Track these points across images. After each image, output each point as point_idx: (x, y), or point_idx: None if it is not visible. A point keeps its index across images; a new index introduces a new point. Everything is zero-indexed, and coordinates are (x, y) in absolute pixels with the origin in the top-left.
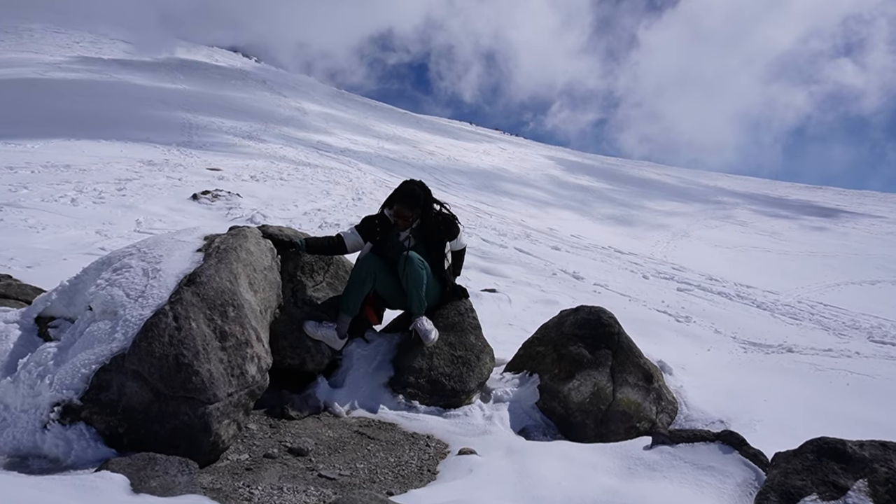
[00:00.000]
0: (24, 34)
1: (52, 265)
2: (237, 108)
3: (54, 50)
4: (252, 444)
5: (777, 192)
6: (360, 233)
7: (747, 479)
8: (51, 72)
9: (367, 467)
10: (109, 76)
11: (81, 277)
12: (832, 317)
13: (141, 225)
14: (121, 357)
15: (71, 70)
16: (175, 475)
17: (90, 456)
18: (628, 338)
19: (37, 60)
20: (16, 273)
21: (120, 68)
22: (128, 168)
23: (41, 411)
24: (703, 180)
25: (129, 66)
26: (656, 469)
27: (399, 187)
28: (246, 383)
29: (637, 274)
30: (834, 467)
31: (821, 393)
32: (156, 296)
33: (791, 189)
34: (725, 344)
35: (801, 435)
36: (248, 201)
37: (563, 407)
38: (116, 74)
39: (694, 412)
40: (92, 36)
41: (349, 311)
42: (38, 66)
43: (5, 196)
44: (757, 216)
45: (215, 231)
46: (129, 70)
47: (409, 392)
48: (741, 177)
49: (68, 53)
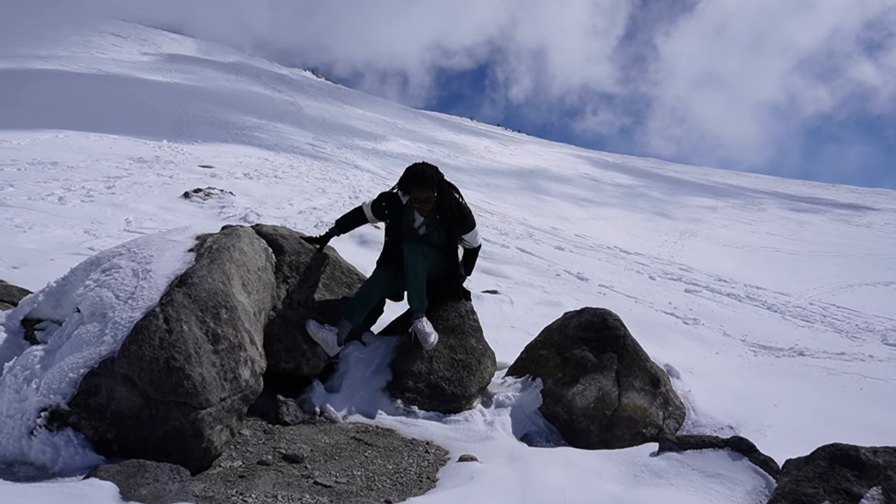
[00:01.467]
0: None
1: (39, 266)
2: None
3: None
4: (245, 450)
5: (790, 190)
6: (373, 210)
7: (757, 486)
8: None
9: (365, 474)
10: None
11: (69, 278)
12: (845, 319)
13: (131, 224)
14: (110, 361)
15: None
16: (166, 483)
17: (78, 463)
18: (634, 341)
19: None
20: (1, 274)
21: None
22: (117, 165)
23: (28, 417)
24: (728, 180)
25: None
26: (663, 476)
27: (407, 170)
28: (239, 388)
29: (643, 275)
30: (847, 474)
31: (833, 398)
32: (146, 297)
33: (804, 187)
34: (735, 347)
35: (812, 441)
36: (241, 200)
37: (566, 412)
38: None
39: (702, 417)
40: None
41: (353, 320)
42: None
43: None
44: (780, 212)
45: (208, 230)
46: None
47: (407, 397)
48: (754, 174)
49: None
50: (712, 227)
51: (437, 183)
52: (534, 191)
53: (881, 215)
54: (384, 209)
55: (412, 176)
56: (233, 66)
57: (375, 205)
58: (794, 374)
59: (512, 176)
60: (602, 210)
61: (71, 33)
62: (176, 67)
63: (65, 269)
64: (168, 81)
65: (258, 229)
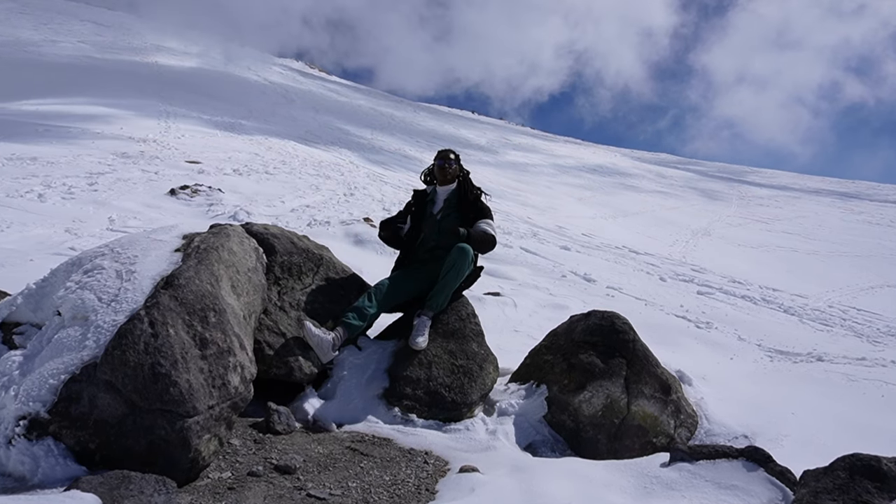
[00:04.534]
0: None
1: (18, 266)
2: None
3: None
4: (235, 460)
5: (808, 185)
6: (402, 218)
7: (773, 498)
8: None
9: (360, 486)
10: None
11: (49, 280)
12: (866, 323)
13: (114, 223)
14: (92, 366)
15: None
16: (151, 495)
17: (59, 474)
18: (644, 346)
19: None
20: None
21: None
22: (100, 161)
23: (5, 425)
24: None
25: None
26: (675, 488)
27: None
28: (228, 395)
29: (654, 276)
30: (868, 486)
31: (853, 405)
32: (130, 300)
33: (822, 183)
34: (750, 352)
35: (832, 451)
36: (230, 197)
37: (573, 421)
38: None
39: (715, 426)
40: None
41: (351, 329)
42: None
43: None
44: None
45: (195, 229)
46: None
47: (405, 404)
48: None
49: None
50: (726, 225)
51: (457, 161)
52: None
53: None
54: (411, 204)
55: (437, 154)
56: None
57: (406, 208)
58: (812, 380)
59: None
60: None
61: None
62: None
63: (45, 269)
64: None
65: (248, 228)
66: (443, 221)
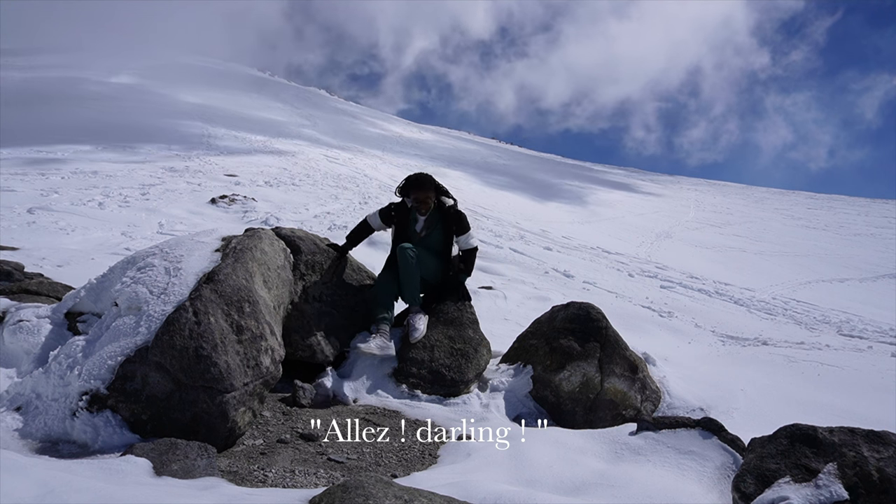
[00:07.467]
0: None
1: (81, 264)
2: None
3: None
4: (266, 430)
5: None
6: (381, 216)
7: (725, 462)
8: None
9: (373, 451)
10: None
11: (108, 276)
12: (804, 312)
13: (163, 227)
14: (144, 349)
15: None
16: (195, 459)
17: (116, 441)
18: (615, 331)
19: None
20: (47, 272)
21: None
22: (151, 174)
23: (71, 400)
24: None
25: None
26: (641, 453)
27: (407, 178)
28: (260, 374)
29: (623, 272)
30: (806, 452)
31: (794, 383)
32: (177, 293)
33: (766, 193)
34: (705, 337)
35: (775, 422)
36: (262, 205)
37: (554, 396)
38: None
39: (676, 400)
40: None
41: (382, 316)
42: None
43: (37, 200)
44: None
45: (232, 233)
46: None
47: (411, 382)
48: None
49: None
50: (685, 229)
51: (434, 186)
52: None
53: (835, 218)
54: (393, 216)
55: (413, 182)
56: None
57: (384, 212)
58: (758, 361)
59: None
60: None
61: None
62: None
63: (104, 267)
64: None
65: (278, 231)
66: (425, 239)
